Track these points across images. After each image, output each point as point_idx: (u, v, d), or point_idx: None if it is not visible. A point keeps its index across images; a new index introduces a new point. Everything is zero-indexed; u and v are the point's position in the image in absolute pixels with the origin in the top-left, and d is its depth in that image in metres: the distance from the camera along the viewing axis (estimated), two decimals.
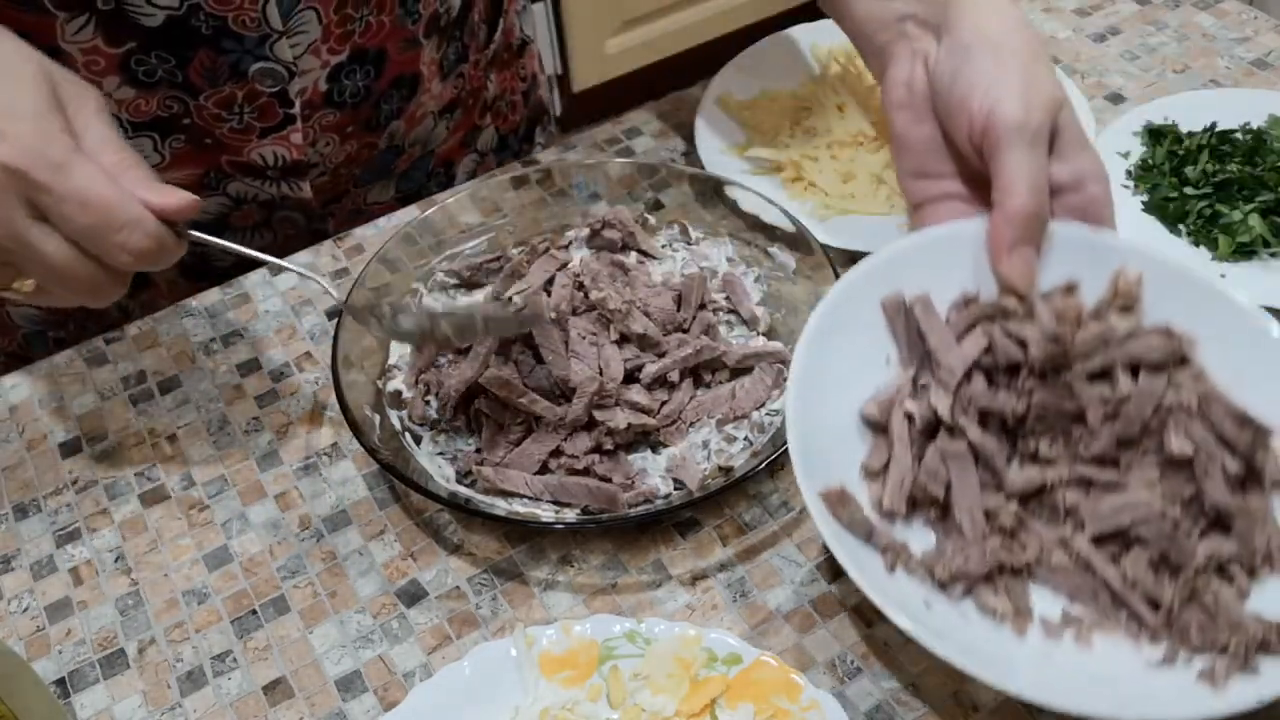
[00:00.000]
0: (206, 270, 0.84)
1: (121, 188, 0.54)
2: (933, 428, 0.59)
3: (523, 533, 0.65)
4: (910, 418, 0.59)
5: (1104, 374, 0.59)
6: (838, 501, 0.55)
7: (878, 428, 0.60)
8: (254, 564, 0.65)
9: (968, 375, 0.60)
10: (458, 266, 0.75)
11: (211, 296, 0.80)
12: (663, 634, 0.57)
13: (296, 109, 0.76)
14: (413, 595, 0.63)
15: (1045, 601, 0.56)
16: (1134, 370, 0.59)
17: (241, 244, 0.64)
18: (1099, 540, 0.56)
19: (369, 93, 0.79)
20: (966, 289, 0.63)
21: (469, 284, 0.75)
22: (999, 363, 0.60)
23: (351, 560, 0.64)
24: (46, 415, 0.73)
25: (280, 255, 0.70)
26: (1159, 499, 0.56)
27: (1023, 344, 0.60)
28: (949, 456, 0.58)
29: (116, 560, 0.65)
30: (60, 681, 0.61)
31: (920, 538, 0.57)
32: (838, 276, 0.67)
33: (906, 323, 0.62)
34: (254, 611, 0.63)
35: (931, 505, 0.58)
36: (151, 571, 0.65)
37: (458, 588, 0.63)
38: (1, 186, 0.52)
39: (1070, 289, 0.63)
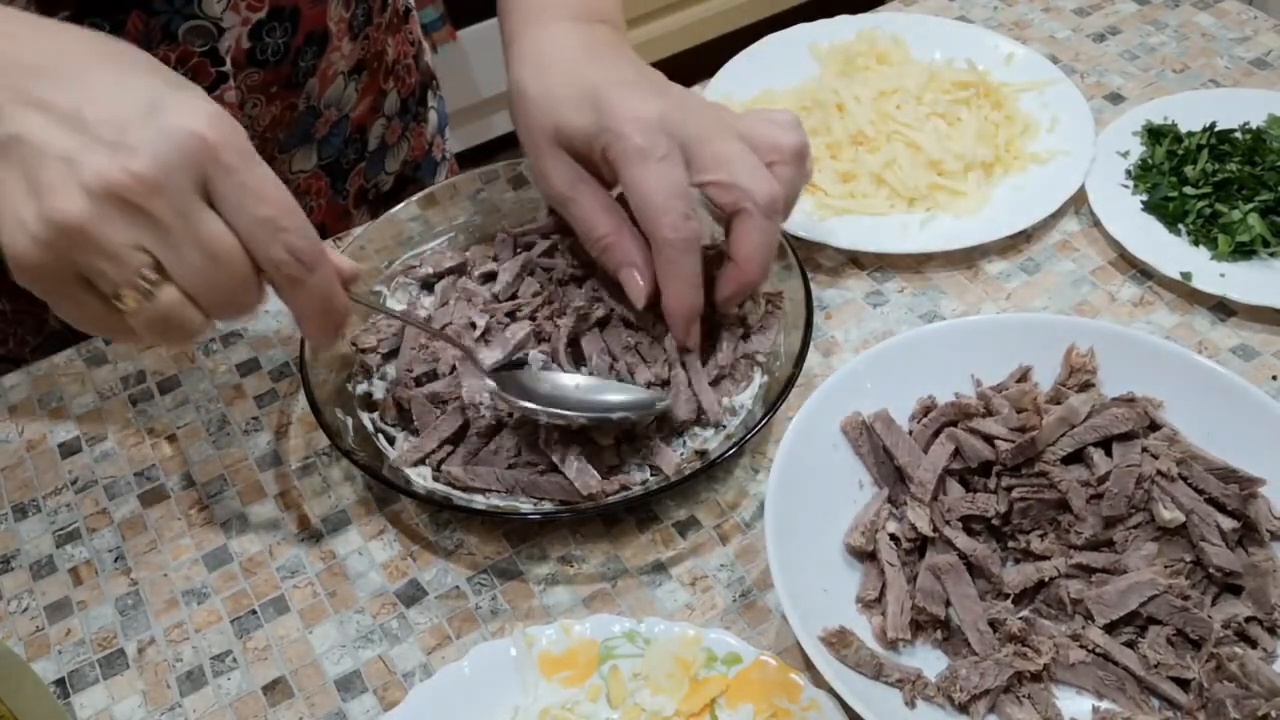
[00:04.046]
0: None
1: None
2: (920, 545, 0.59)
3: (522, 532, 0.65)
4: (895, 539, 0.59)
5: (1076, 455, 0.59)
6: (840, 643, 0.55)
7: (864, 555, 0.60)
8: (253, 564, 0.65)
9: (942, 483, 0.60)
10: (420, 273, 0.75)
11: None
12: (662, 634, 0.57)
13: (228, 66, 0.76)
14: (412, 595, 0.63)
15: (1071, 702, 0.55)
16: (1106, 445, 0.59)
17: None
18: (1111, 628, 0.56)
19: (287, 50, 0.79)
20: (920, 396, 0.64)
21: (429, 287, 0.75)
22: (970, 464, 0.60)
23: (351, 560, 0.64)
24: (46, 415, 0.73)
25: None
26: (1162, 573, 0.56)
27: (990, 440, 0.60)
28: (942, 572, 0.58)
29: (116, 560, 0.65)
30: (60, 681, 0.61)
31: (929, 660, 0.57)
32: (806, 283, 0.67)
33: (870, 442, 0.62)
34: (254, 611, 0.63)
35: (935, 626, 0.57)
36: (151, 571, 0.65)
37: (457, 587, 0.63)
38: (189, 156, 0.48)
39: (1024, 376, 0.64)
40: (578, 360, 0.68)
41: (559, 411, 0.63)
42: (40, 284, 0.50)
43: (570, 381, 0.65)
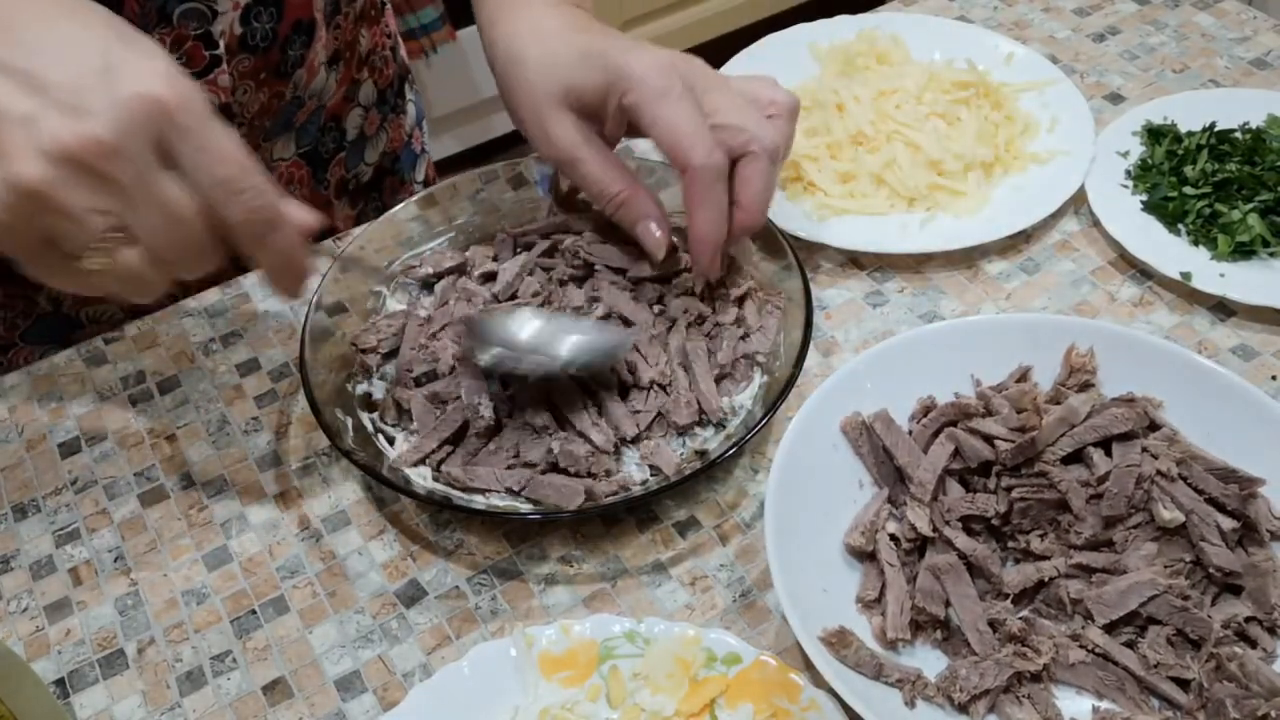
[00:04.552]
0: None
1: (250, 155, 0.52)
2: (920, 545, 0.59)
3: (522, 532, 0.65)
4: (895, 539, 0.59)
5: (1076, 455, 0.59)
6: (839, 643, 0.55)
7: (864, 555, 0.60)
8: (253, 564, 0.65)
9: (941, 483, 0.60)
10: (420, 273, 0.75)
11: (211, 296, 0.80)
12: (662, 634, 0.57)
13: (221, 49, 0.76)
14: (412, 595, 0.63)
15: (1071, 702, 0.55)
16: (1106, 445, 0.59)
17: None
18: (1111, 628, 0.56)
19: (275, 36, 0.79)
20: (920, 396, 0.64)
21: (429, 287, 0.75)
22: (970, 464, 0.60)
23: (351, 560, 0.64)
24: (46, 415, 0.73)
25: None
26: (1162, 573, 0.56)
27: (990, 440, 0.60)
28: (941, 572, 0.58)
29: (116, 560, 0.65)
30: (60, 681, 0.61)
31: (929, 660, 0.57)
32: (805, 283, 0.68)
33: (870, 442, 0.62)
34: (253, 611, 0.63)
35: (935, 626, 0.57)
36: (151, 571, 0.65)
37: (457, 588, 0.63)
38: (145, 119, 0.49)
39: (1024, 376, 0.64)
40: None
41: (513, 357, 0.64)
42: (6, 244, 0.51)
43: (525, 330, 0.65)
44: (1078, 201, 0.81)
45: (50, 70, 0.49)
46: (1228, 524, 0.57)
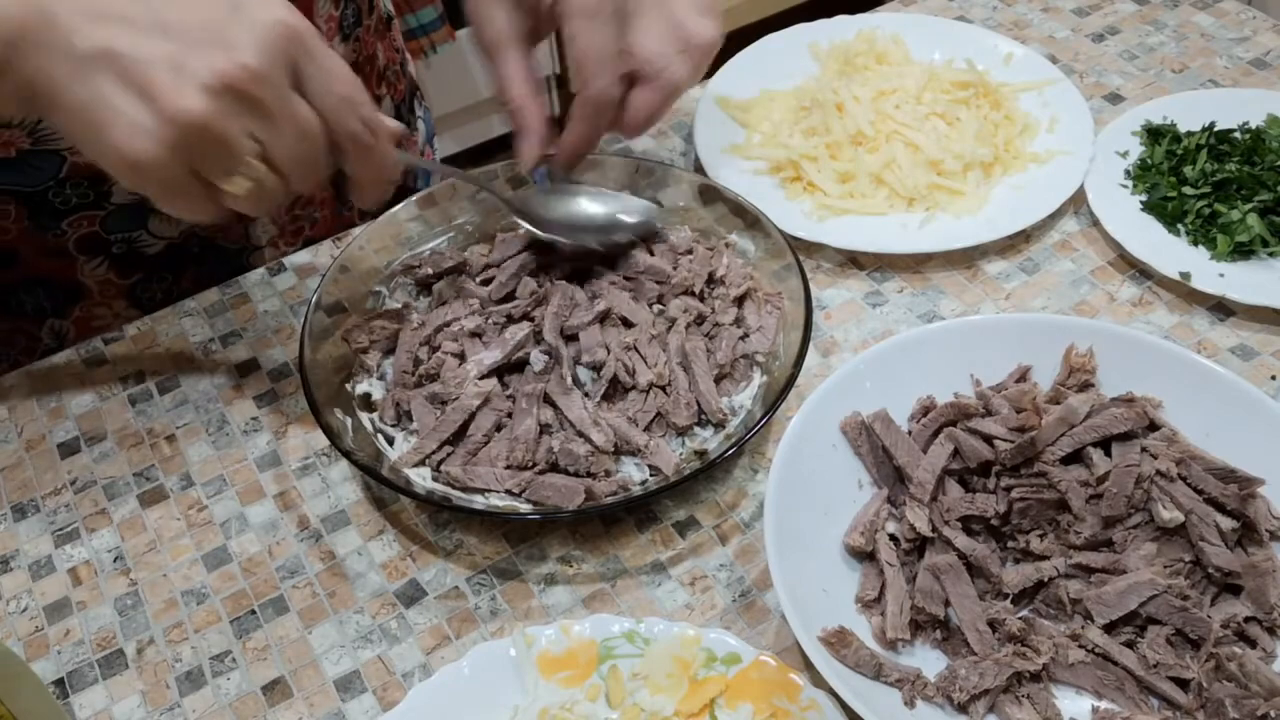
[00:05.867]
0: (138, 260, 0.82)
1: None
2: (919, 545, 0.59)
3: (522, 532, 0.65)
4: (895, 540, 0.59)
5: (1076, 455, 0.59)
6: (839, 643, 0.55)
7: (864, 555, 0.60)
8: (253, 564, 0.65)
9: (941, 484, 0.60)
10: (420, 273, 0.74)
11: (210, 296, 0.80)
12: (662, 634, 0.57)
13: None
14: (411, 595, 0.63)
15: (1071, 702, 0.55)
16: (1105, 445, 0.59)
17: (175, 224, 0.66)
18: (1111, 628, 0.56)
19: None
20: (920, 396, 0.64)
21: (428, 287, 0.75)
22: (969, 464, 0.60)
23: (350, 560, 0.64)
24: (46, 415, 0.73)
25: (222, 234, 0.81)
26: (1161, 573, 0.56)
27: (989, 440, 0.60)
28: (941, 572, 0.58)
29: (115, 560, 0.65)
30: (59, 682, 0.61)
31: (928, 660, 0.57)
32: (805, 283, 0.67)
33: (870, 442, 0.62)
34: (253, 611, 0.63)
35: (934, 626, 0.57)
36: (150, 571, 0.65)
37: (456, 588, 0.63)
38: (282, 44, 0.53)
39: (1023, 376, 0.64)
40: (576, 359, 0.68)
41: (559, 239, 0.71)
42: (156, 182, 0.54)
43: (561, 209, 0.72)
44: (1077, 201, 0.81)
45: (181, 17, 0.53)
46: (1227, 524, 0.57)
